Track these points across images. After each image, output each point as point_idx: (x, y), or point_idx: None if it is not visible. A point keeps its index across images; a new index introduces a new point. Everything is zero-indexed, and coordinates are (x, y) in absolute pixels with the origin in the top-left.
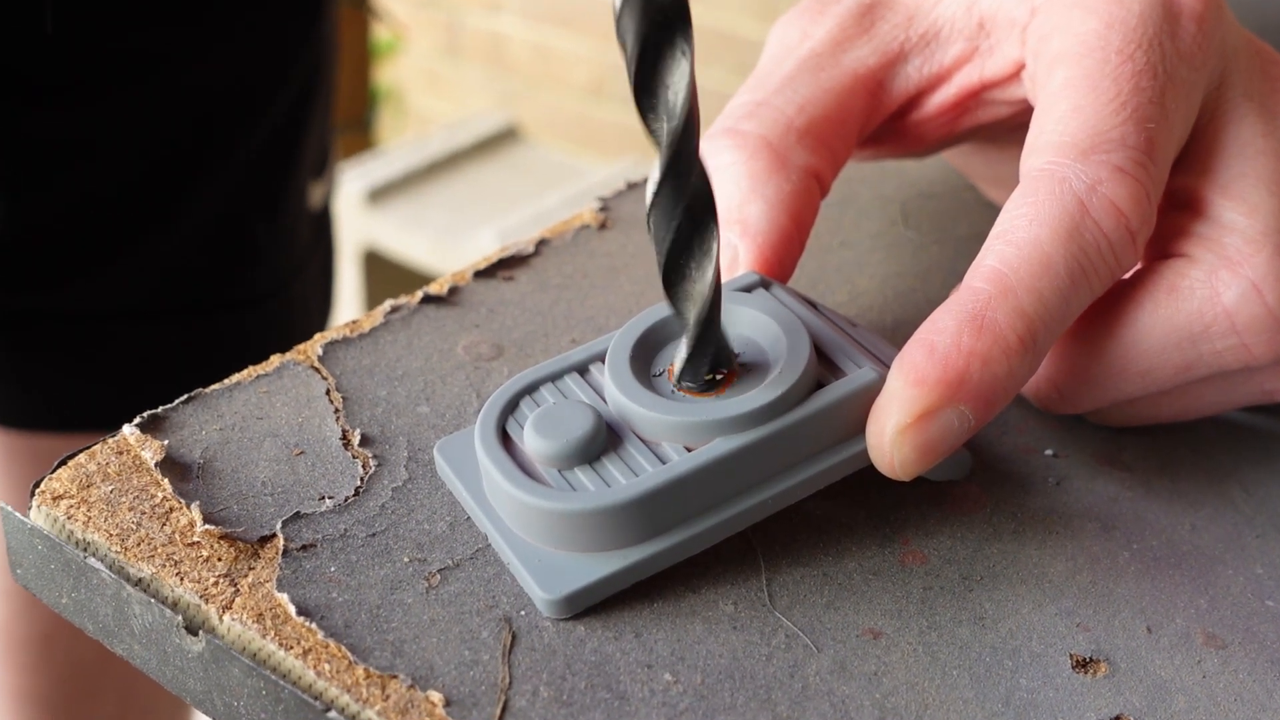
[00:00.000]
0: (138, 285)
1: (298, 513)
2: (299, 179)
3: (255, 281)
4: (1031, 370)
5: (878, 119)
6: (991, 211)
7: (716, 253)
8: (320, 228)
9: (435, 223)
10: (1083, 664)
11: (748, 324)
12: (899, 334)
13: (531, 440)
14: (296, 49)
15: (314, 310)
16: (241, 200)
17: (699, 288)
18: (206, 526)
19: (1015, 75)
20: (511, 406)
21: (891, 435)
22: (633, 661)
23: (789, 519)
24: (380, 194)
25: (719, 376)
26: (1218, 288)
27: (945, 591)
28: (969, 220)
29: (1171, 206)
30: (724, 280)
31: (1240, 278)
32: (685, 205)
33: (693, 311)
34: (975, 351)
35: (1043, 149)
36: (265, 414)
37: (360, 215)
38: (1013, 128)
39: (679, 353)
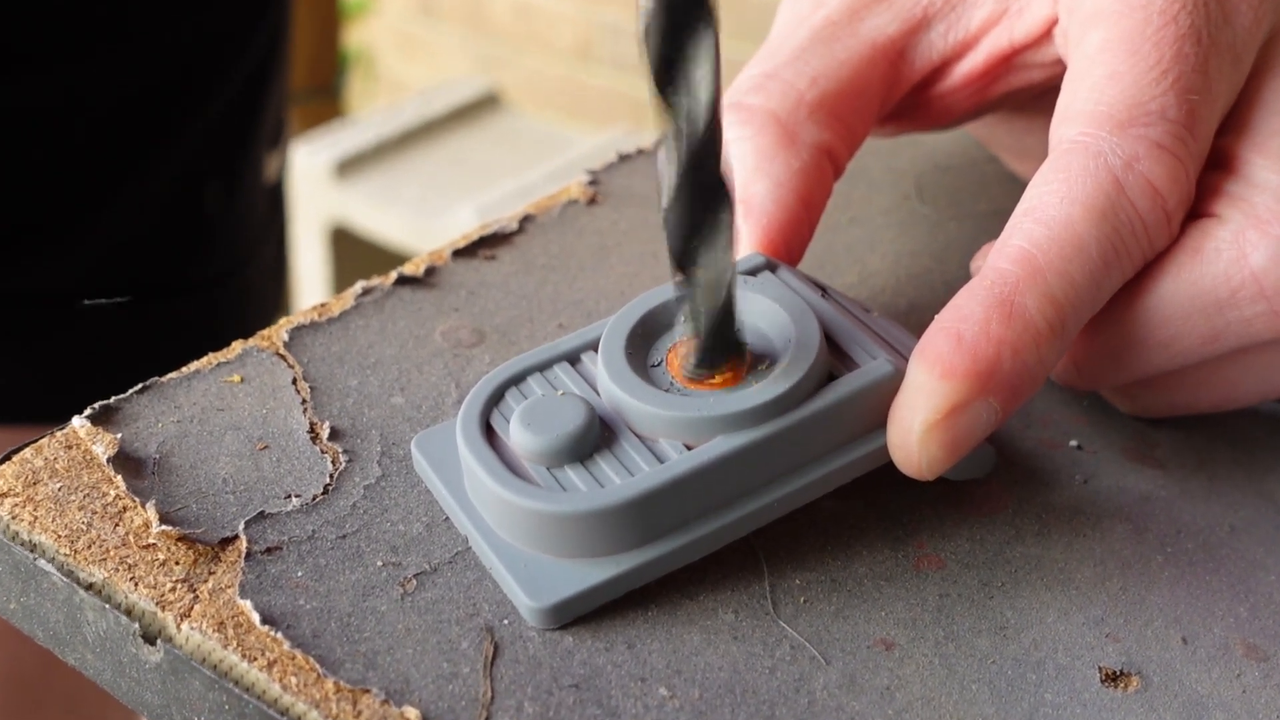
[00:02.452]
0: (87, 265)
1: (262, 512)
2: (257, 149)
3: (211, 261)
4: (1058, 358)
5: (899, 92)
6: (1014, 185)
7: (733, 237)
8: (275, 202)
9: (410, 197)
10: (1113, 677)
11: (752, 311)
12: (914, 318)
13: (518, 435)
14: (262, 7)
15: (270, 294)
16: (198, 171)
17: (713, 274)
18: (163, 527)
19: (1047, 34)
20: (496, 398)
21: (919, 433)
22: (625, 675)
23: (794, 520)
24: (350, 166)
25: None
26: (1245, 249)
27: (963, 599)
28: (989, 195)
29: (1205, 166)
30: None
31: (1269, 237)
32: (703, 188)
33: (706, 300)
34: (1005, 340)
35: (1076, 118)
36: (226, 405)
37: (328, 189)
38: (1042, 93)
39: (691, 344)
